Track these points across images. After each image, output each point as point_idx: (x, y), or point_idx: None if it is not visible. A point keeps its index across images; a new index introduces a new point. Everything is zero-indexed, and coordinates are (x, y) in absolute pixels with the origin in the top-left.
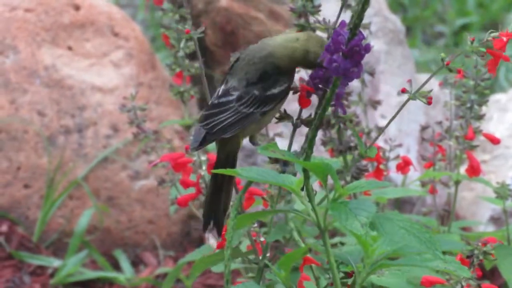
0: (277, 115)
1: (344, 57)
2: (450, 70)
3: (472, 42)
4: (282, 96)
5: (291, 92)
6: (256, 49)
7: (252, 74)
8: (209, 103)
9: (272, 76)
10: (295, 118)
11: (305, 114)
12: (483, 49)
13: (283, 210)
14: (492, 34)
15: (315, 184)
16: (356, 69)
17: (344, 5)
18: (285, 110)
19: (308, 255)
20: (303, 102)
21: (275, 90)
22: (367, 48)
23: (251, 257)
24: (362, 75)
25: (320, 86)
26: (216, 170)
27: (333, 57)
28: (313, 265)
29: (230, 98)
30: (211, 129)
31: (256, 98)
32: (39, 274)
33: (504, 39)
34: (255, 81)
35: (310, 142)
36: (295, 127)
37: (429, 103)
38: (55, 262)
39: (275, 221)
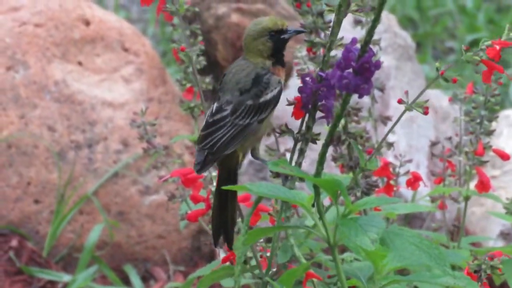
0: (278, 129)
1: (354, 73)
2: (446, 80)
3: (466, 51)
4: (275, 101)
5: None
6: (241, 61)
7: (244, 81)
8: (204, 122)
9: (264, 77)
10: (295, 132)
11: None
12: (477, 58)
13: (293, 226)
14: (486, 43)
15: (324, 199)
16: (366, 86)
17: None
18: (286, 125)
19: (310, 270)
20: (297, 113)
21: (267, 96)
22: (377, 65)
23: (256, 272)
24: (372, 91)
25: (307, 100)
26: (225, 187)
27: (344, 74)
28: (315, 279)
29: (224, 113)
30: (211, 149)
31: (250, 107)
32: None
33: (497, 47)
34: (249, 87)
35: (320, 158)
36: (296, 141)
37: (425, 113)
38: (65, 277)
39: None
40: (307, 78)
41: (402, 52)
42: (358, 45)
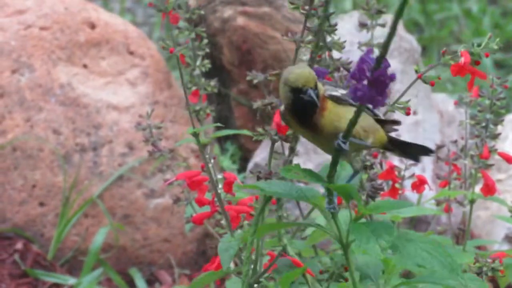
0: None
1: (369, 85)
2: (424, 82)
3: (444, 55)
4: None
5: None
6: None
7: None
8: None
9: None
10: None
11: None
12: (452, 62)
13: (306, 223)
14: (461, 49)
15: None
16: (381, 98)
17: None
18: (264, 127)
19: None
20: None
21: None
22: (393, 77)
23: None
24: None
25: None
26: None
27: (358, 86)
28: (308, 276)
29: None
30: None
31: None
32: None
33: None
34: None
35: (333, 163)
36: (274, 142)
37: (407, 113)
38: (70, 280)
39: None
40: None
41: (407, 56)
42: (374, 55)
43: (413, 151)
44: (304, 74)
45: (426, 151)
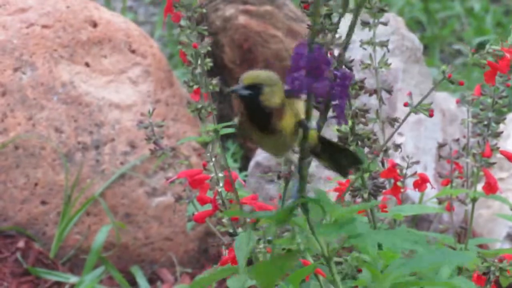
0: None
1: (306, 74)
2: (452, 83)
3: (473, 54)
4: None
5: None
6: None
7: None
8: None
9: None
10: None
11: None
12: (484, 61)
13: (287, 241)
14: (493, 47)
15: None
16: (319, 84)
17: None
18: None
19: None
20: None
21: None
22: (328, 62)
23: None
24: (380, 92)
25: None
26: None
27: (294, 75)
28: (320, 276)
29: None
30: None
31: None
32: None
33: (508, 55)
34: None
35: (302, 179)
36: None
37: (430, 115)
38: (72, 279)
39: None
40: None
41: (409, 54)
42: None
43: (343, 160)
44: (253, 74)
45: (355, 162)
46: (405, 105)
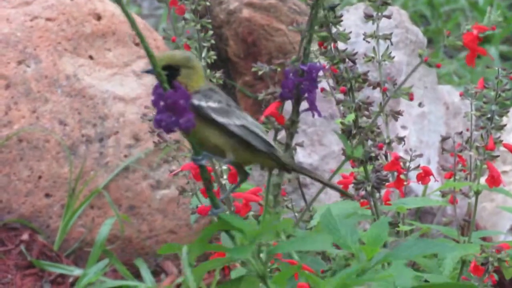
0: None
1: (168, 111)
2: (430, 65)
3: (448, 37)
4: None
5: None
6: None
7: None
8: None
9: None
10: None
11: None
12: (459, 43)
13: (227, 260)
14: (467, 27)
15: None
16: (183, 120)
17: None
18: (267, 116)
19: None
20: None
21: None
22: (186, 96)
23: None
24: (383, 85)
25: (290, 95)
26: None
27: (158, 116)
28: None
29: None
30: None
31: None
32: (60, 282)
33: (475, 32)
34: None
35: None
36: (277, 131)
37: (410, 99)
38: (76, 271)
39: None
40: (290, 73)
41: (413, 48)
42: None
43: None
44: (169, 54)
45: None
46: (384, 90)
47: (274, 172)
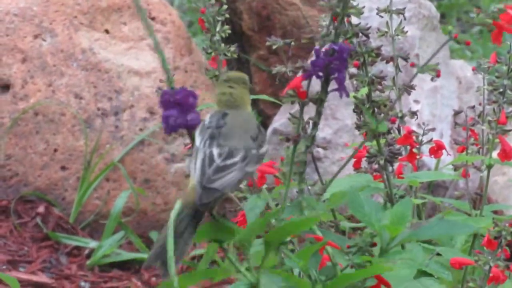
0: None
1: (179, 110)
2: (458, 42)
3: (478, 14)
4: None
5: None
6: (235, 114)
7: (252, 129)
8: (208, 169)
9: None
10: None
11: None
12: (489, 21)
13: (222, 272)
14: (498, 6)
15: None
16: (192, 116)
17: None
18: (294, 90)
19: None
20: (301, 94)
21: (264, 149)
22: (193, 94)
23: None
24: (396, 60)
25: (320, 74)
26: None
27: (166, 113)
28: (329, 248)
29: (236, 159)
30: (219, 190)
31: (254, 156)
32: (76, 254)
33: (511, 12)
34: (256, 136)
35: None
36: (303, 105)
37: (437, 75)
38: (92, 243)
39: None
40: (321, 52)
41: (426, 22)
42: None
43: None
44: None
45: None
46: (412, 65)
47: (300, 149)
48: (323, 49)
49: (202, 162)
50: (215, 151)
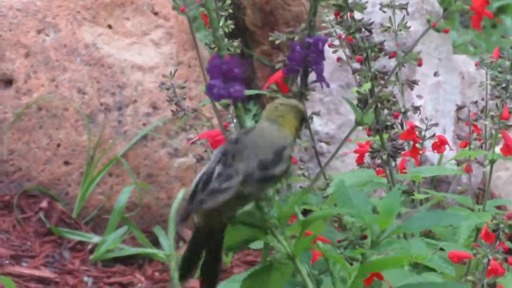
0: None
1: (223, 80)
2: (438, 31)
3: (455, 2)
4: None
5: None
6: (261, 132)
7: (267, 154)
8: (207, 187)
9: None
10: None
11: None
12: (467, 7)
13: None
14: None
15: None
16: (236, 88)
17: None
18: (277, 84)
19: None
20: (283, 87)
21: (276, 170)
22: (240, 66)
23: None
24: (399, 57)
25: (297, 67)
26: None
27: (211, 82)
28: (320, 243)
29: (233, 182)
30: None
31: (258, 179)
32: (79, 249)
33: None
34: (266, 161)
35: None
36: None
37: (419, 64)
38: (95, 238)
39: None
40: (297, 46)
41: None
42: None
43: None
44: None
45: None
46: (393, 55)
47: None
48: (299, 43)
49: (199, 178)
50: (217, 169)
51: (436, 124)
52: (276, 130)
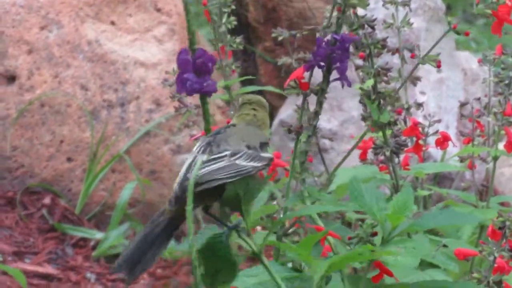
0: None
1: (196, 74)
2: (458, 33)
3: (477, 5)
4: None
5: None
6: (242, 128)
7: (251, 141)
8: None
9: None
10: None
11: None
12: (489, 11)
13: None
14: None
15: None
16: (209, 82)
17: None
18: (295, 81)
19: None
20: (303, 85)
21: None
22: (213, 59)
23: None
24: (402, 52)
25: (322, 63)
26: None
27: (184, 76)
28: (330, 238)
29: (223, 154)
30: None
31: (249, 154)
32: (82, 246)
33: (509, 3)
34: (252, 146)
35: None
36: (305, 96)
37: (438, 66)
38: (98, 234)
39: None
40: (323, 42)
41: (432, 14)
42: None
43: None
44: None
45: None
46: (412, 56)
47: (302, 139)
48: (325, 39)
49: (187, 167)
50: (204, 157)
51: (439, 121)
52: (256, 126)
